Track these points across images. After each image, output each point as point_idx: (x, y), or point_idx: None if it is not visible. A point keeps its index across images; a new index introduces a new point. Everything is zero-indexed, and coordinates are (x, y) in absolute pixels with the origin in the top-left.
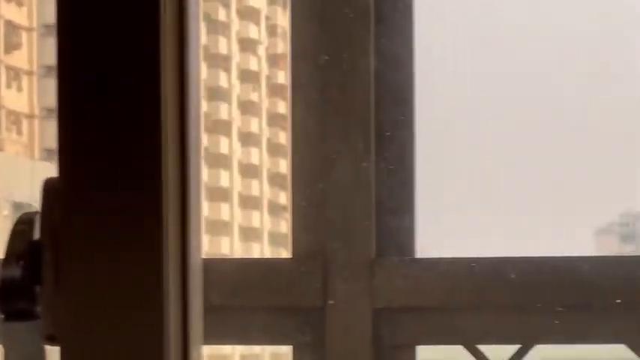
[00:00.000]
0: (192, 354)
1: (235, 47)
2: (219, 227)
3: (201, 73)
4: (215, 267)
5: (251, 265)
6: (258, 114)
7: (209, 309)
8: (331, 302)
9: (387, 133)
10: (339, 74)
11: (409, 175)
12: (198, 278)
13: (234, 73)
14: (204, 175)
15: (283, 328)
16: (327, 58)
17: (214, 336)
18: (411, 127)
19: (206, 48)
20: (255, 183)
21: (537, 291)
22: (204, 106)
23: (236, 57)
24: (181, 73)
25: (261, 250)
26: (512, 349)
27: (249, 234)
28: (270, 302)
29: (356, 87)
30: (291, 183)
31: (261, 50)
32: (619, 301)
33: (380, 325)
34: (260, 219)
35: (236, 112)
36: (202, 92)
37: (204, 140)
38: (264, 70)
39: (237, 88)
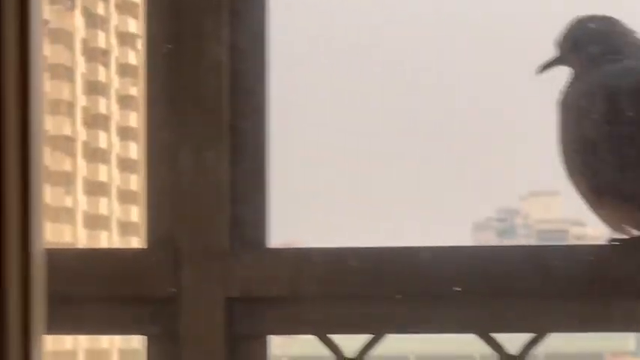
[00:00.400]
0: (34, 344)
1: (114, 41)
2: (63, 215)
3: (80, 67)
4: (62, 256)
5: (102, 254)
6: (137, 108)
7: (59, 300)
8: (183, 292)
9: (239, 124)
10: (190, 64)
11: (261, 165)
12: (39, 268)
13: (113, 67)
14: (83, 168)
15: (135, 318)
16: (171, 46)
17: (62, 327)
18: (263, 117)
19: (85, 42)
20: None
21: (387, 281)
22: (83, 100)
23: (115, 51)
24: (22, 54)
25: (110, 239)
26: (365, 339)
27: (96, 222)
28: (121, 292)
29: (208, 76)
30: (145, 171)
31: (140, 44)
32: (459, 289)
33: (232, 315)
34: (108, 206)
35: (115, 107)
36: (81, 86)
37: (83, 134)
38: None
39: (115, 82)
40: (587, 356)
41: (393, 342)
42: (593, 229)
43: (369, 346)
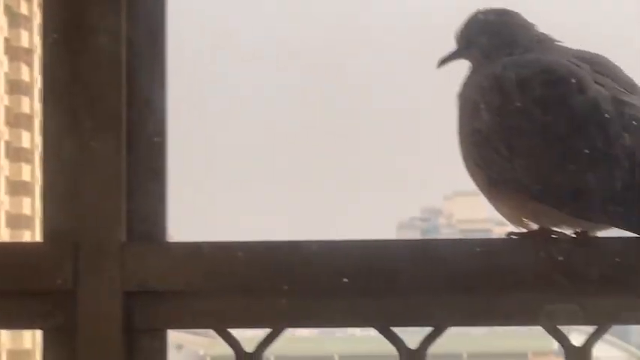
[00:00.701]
0: None
1: (37, 40)
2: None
3: (3, 66)
4: None
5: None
6: None
7: None
8: (80, 286)
9: (134, 117)
10: (86, 55)
11: (159, 159)
12: None
13: (37, 66)
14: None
15: (31, 312)
16: (57, 36)
17: None
18: (163, 111)
19: (7, 41)
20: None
21: (278, 274)
22: (5, 100)
23: (38, 50)
24: None
25: None
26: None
27: None
28: (17, 287)
29: (102, 67)
30: (39, 163)
31: None
32: (346, 280)
33: (130, 309)
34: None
35: (38, 106)
36: (4, 86)
37: (5, 134)
38: None
39: (39, 82)
40: (510, 356)
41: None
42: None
43: (267, 341)
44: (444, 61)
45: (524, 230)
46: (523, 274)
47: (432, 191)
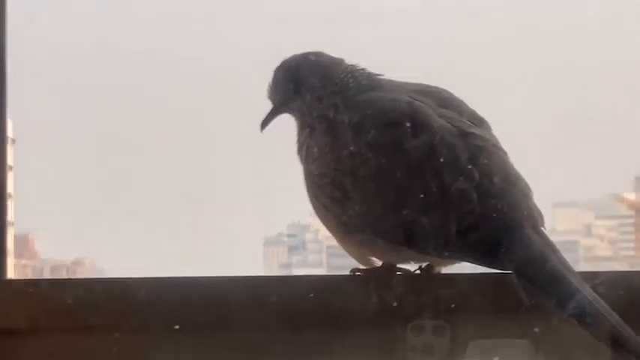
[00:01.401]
0: None
1: None
2: None
3: None
4: None
5: None
6: None
7: None
8: None
9: None
10: None
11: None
12: None
13: None
14: None
15: None
16: None
17: None
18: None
19: None
20: None
21: (119, 313)
22: None
23: None
24: None
25: None
26: None
27: None
28: None
29: None
30: None
31: None
32: (177, 327)
33: None
34: None
35: None
36: None
37: None
38: None
39: None
40: None
41: None
42: None
43: None
44: (265, 123)
45: (368, 267)
46: (356, 317)
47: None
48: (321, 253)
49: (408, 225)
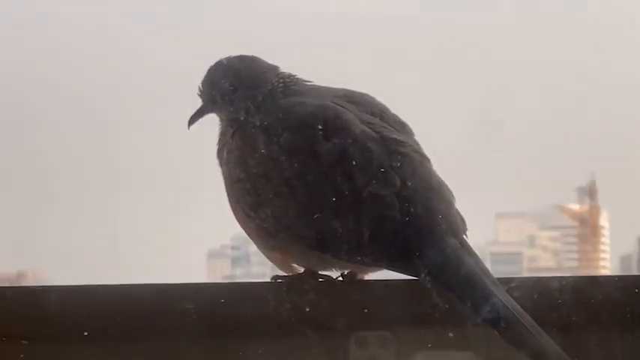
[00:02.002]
0: None
1: None
2: None
3: None
4: None
5: None
6: None
7: None
8: None
9: None
10: None
11: None
12: None
13: None
14: None
15: None
16: None
17: None
18: None
19: None
20: None
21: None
22: None
23: None
24: None
25: None
26: None
27: None
28: None
29: None
30: None
31: None
32: (86, 333)
33: None
34: None
35: None
36: None
37: None
38: None
39: None
40: None
41: None
42: None
43: None
44: (192, 120)
45: (290, 274)
46: (262, 324)
47: None
48: (265, 265)
49: (320, 229)
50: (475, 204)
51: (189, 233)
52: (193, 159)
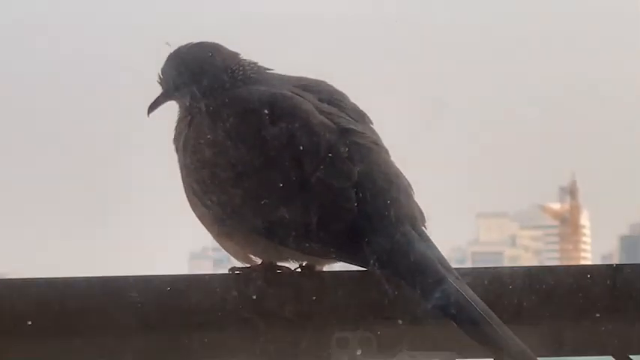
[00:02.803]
0: None
1: None
2: None
3: None
4: None
5: None
6: None
7: None
8: None
9: None
10: None
11: None
12: None
13: None
14: None
15: None
16: None
17: None
18: None
19: None
20: None
21: None
22: None
23: None
24: None
25: None
26: None
27: None
28: None
29: None
30: None
31: None
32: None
33: None
34: None
35: None
36: None
37: None
38: None
39: None
40: None
41: None
42: None
43: None
44: (152, 107)
45: (247, 265)
46: (210, 314)
47: None
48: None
49: (267, 215)
50: (456, 204)
51: (171, 236)
52: (174, 159)
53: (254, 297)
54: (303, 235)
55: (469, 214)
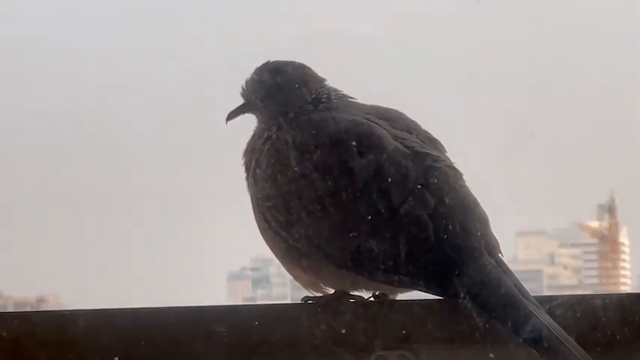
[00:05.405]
0: None
1: None
2: None
3: None
4: None
5: None
6: None
7: None
8: None
9: None
10: None
11: None
12: None
13: None
14: None
15: None
16: None
17: None
18: None
19: None
20: None
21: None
22: None
23: None
24: None
25: None
26: None
27: None
28: None
29: None
30: None
31: None
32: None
33: None
34: None
35: None
36: None
37: None
38: None
39: None
40: None
41: None
42: None
43: None
44: (231, 116)
45: (320, 295)
46: (301, 347)
47: (262, 240)
48: (286, 287)
49: (355, 249)
50: (495, 222)
51: (209, 256)
52: (214, 182)
53: (343, 331)
54: (392, 268)
55: (508, 233)
